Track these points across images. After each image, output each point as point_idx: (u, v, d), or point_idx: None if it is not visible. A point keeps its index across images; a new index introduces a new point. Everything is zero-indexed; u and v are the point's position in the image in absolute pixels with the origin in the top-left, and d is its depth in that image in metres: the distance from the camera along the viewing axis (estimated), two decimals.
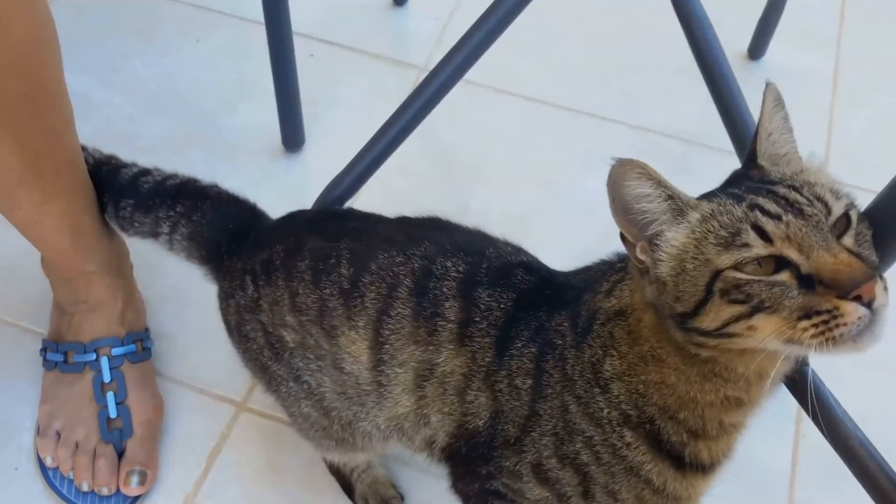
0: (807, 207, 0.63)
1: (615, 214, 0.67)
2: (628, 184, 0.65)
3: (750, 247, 0.62)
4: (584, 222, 1.32)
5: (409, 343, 0.81)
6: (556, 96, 1.48)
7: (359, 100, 1.47)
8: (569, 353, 0.76)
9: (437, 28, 1.55)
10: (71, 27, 1.52)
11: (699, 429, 0.72)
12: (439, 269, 0.82)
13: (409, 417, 0.84)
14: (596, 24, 1.58)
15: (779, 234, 0.62)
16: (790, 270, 0.62)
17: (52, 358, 1.12)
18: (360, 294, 0.83)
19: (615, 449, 0.74)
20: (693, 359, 0.68)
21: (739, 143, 1.09)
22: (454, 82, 1.12)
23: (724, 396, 0.70)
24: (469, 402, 0.81)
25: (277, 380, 0.93)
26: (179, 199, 1.00)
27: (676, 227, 0.66)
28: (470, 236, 0.89)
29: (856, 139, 1.45)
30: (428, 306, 0.80)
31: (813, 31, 1.58)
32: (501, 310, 0.80)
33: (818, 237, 0.62)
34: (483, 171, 1.40)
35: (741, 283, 0.62)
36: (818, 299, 0.60)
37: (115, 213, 1.04)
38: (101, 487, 1.07)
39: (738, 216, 0.64)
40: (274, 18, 1.22)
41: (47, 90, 0.93)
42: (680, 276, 0.65)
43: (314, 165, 1.39)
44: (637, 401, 0.72)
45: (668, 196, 0.66)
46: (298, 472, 1.11)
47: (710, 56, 1.10)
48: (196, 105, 1.45)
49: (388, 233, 0.88)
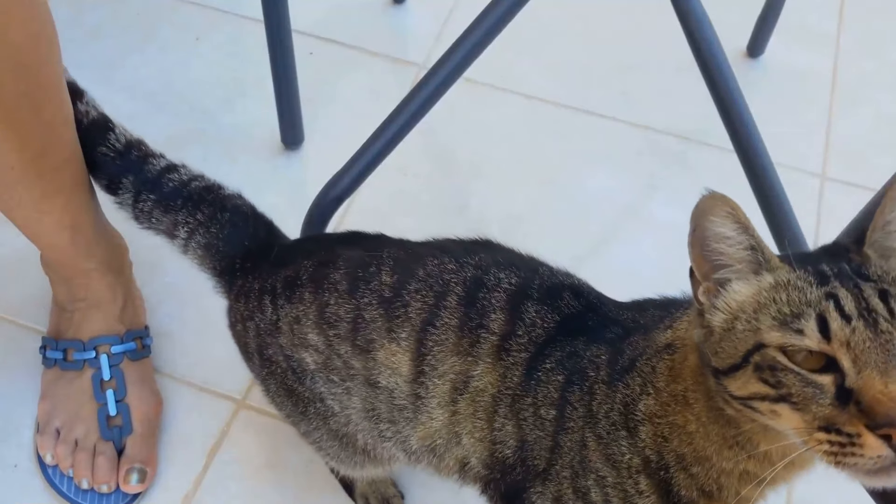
0: (884, 322, 0.57)
1: (691, 246, 0.63)
2: (714, 220, 0.61)
3: (803, 336, 0.58)
4: (584, 222, 1.33)
5: (452, 354, 0.79)
6: (555, 94, 1.47)
7: (358, 98, 1.47)
8: (598, 389, 0.73)
9: (436, 26, 1.55)
10: (70, 24, 1.51)
11: (713, 491, 0.69)
12: (492, 280, 0.80)
13: (442, 434, 0.82)
14: (595, 22, 1.57)
15: (840, 337, 0.57)
16: (835, 377, 0.57)
17: (51, 355, 1.12)
18: (404, 303, 0.80)
19: (627, 495, 0.72)
20: (718, 414, 0.65)
21: (738, 140, 1.09)
22: (453, 80, 1.12)
23: (742, 470, 0.67)
24: (497, 429, 0.79)
25: (305, 402, 0.90)
26: (201, 207, 0.97)
27: (746, 283, 0.62)
28: (522, 257, 0.86)
29: (855, 137, 1.44)
30: (475, 317, 0.78)
31: (812, 29, 1.57)
32: (544, 329, 0.77)
33: (879, 356, 0.56)
34: (482, 169, 1.39)
35: (777, 367, 0.59)
36: (846, 418, 0.56)
37: (134, 202, 0.99)
38: (101, 485, 1.07)
39: (809, 299, 0.59)
40: (273, 16, 1.22)
41: (46, 88, 0.93)
42: (727, 333, 0.62)
43: (313, 163, 1.39)
44: (660, 444, 0.70)
45: (751, 246, 0.62)
46: (298, 470, 1.11)
47: (710, 54, 1.09)
48: (195, 103, 1.45)
49: (438, 244, 0.86)
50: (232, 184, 1.00)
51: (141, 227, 1.02)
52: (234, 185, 1.16)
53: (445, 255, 0.82)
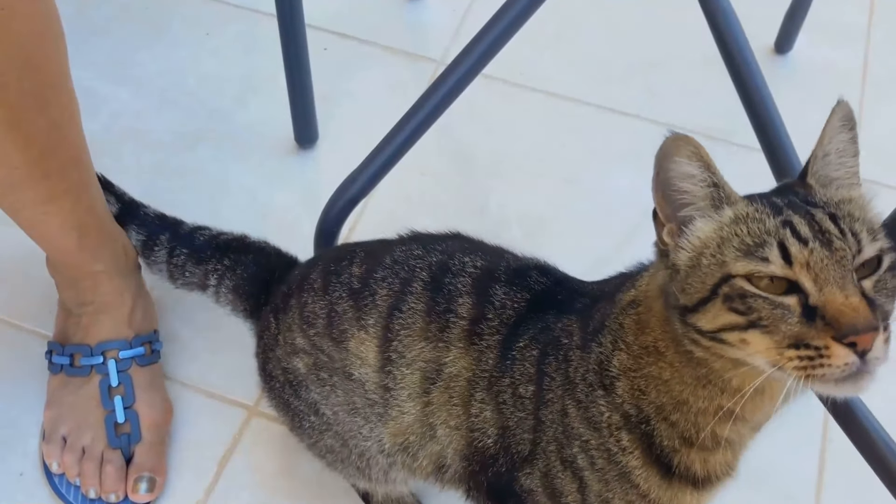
0: (836, 240, 0.62)
1: (654, 189, 0.66)
2: (677, 160, 0.64)
3: (769, 262, 0.62)
4: (607, 223, 1.32)
5: (419, 340, 0.81)
6: (577, 91, 1.47)
7: (374, 95, 1.46)
8: (573, 355, 0.76)
9: (454, 21, 1.55)
10: (76, 19, 1.51)
11: (692, 436, 0.72)
12: (457, 265, 0.83)
13: (415, 429, 0.84)
14: (619, 17, 1.57)
15: (800, 259, 0.61)
16: (798, 297, 0.61)
17: (57, 361, 1.11)
18: (372, 291, 0.83)
19: (610, 454, 0.74)
20: (688, 358, 0.68)
21: (765, 139, 1.07)
22: (472, 77, 1.11)
23: (717, 406, 0.69)
24: (474, 414, 0.80)
25: (300, 415, 0.94)
26: (228, 253, 1.06)
27: (707, 219, 0.66)
28: (489, 245, 0.89)
29: (885, 135, 1.43)
30: (442, 302, 0.81)
31: (841, 25, 1.56)
32: (514, 309, 0.80)
33: (837, 273, 0.61)
34: (502, 169, 1.39)
35: (746, 295, 0.62)
36: (813, 333, 0.60)
37: (168, 258, 1.09)
38: (109, 494, 1.06)
39: (768, 228, 0.63)
40: (286, 10, 1.21)
41: (52, 85, 0.92)
42: (693, 269, 0.65)
43: (327, 163, 1.38)
44: (638, 398, 0.72)
45: (714, 183, 0.65)
46: (311, 479, 1.10)
47: (736, 50, 1.09)
48: (206, 100, 1.44)
49: (413, 235, 0.90)
50: (244, 184, 1.00)
51: (176, 284, 1.11)
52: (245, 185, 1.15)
53: (414, 243, 0.86)
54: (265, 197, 1.33)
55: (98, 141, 1.07)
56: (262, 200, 1.32)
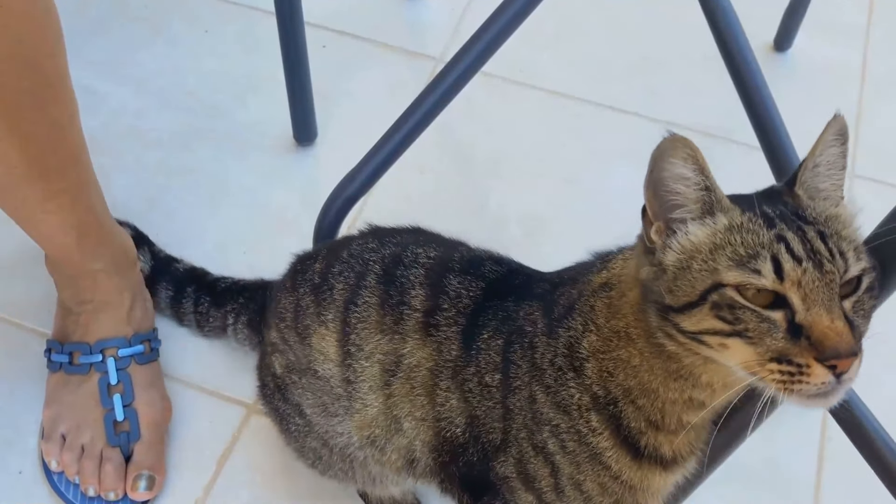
0: (827, 262, 0.63)
1: (646, 186, 0.66)
2: (673, 160, 0.64)
3: (761, 275, 0.62)
4: (606, 221, 1.29)
5: (375, 332, 0.82)
6: (576, 89, 1.46)
7: (373, 93, 1.46)
8: (539, 341, 0.76)
9: (453, 18, 1.54)
10: (75, 17, 1.50)
11: (658, 421, 0.73)
12: (409, 257, 0.84)
13: (380, 422, 0.84)
14: (618, 15, 1.57)
15: (792, 277, 0.62)
16: (785, 312, 0.62)
17: (56, 359, 1.11)
18: (330, 286, 0.85)
19: (581, 436, 0.75)
20: (659, 350, 0.69)
21: (764, 137, 1.08)
22: (471, 75, 1.11)
23: (688, 397, 0.71)
24: (440, 404, 0.81)
25: (287, 418, 0.95)
26: (243, 293, 1.13)
27: (700, 224, 0.66)
28: (445, 238, 0.90)
29: (885, 134, 1.43)
30: (395, 294, 0.82)
31: (841, 23, 1.56)
32: (470, 298, 0.81)
33: (826, 295, 0.62)
34: (501, 167, 1.38)
35: (735, 306, 0.63)
36: (797, 350, 0.61)
37: (195, 308, 1.15)
38: (108, 492, 1.06)
39: (762, 241, 0.64)
40: (285, 8, 1.21)
41: (51, 84, 0.92)
42: (682, 272, 0.65)
43: (326, 161, 1.37)
44: (606, 380, 0.73)
45: (706, 187, 0.66)
46: (311, 477, 1.08)
47: (735, 48, 1.09)
48: (205, 98, 1.44)
49: (367, 231, 0.91)
50: (243, 182, 0.99)
51: (204, 332, 1.17)
52: (245, 183, 1.15)
53: (370, 237, 0.88)
54: (264, 195, 1.32)
55: (97, 139, 1.07)
56: (261, 199, 1.32)
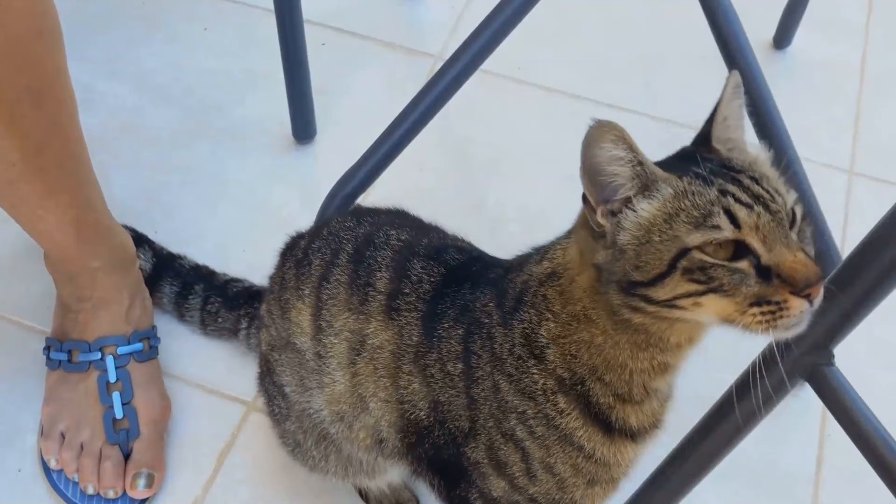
0: (771, 203, 0.66)
1: (583, 175, 0.68)
2: (603, 146, 0.66)
3: (720, 229, 0.64)
4: None
5: (344, 310, 0.83)
6: (575, 87, 1.46)
7: (372, 90, 1.45)
8: (496, 332, 0.77)
9: (452, 16, 1.54)
10: (74, 15, 1.50)
11: (625, 393, 0.75)
12: (381, 238, 0.85)
13: (346, 398, 0.85)
14: (617, 13, 1.57)
15: (749, 223, 0.64)
16: (749, 259, 0.65)
17: (55, 357, 1.10)
18: (309, 261, 0.87)
19: (549, 419, 0.76)
20: (624, 325, 0.70)
21: (764, 134, 1.08)
22: (471, 72, 1.11)
23: (658, 363, 0.73)
24: (402, 387, 0.82)
25: (272, 401, 0.97)
26: (259, 299, 1.10)
27: (648, 199, 0.67)
28: (424, 222, 0.92)
29: (884, 131, 1.43)
30: (363, 275, 0.83)
31: (840, 20, 1.56)
32: (431, 283, 0.82)
33: (781, 233, 0.65)
34: (501, 164, 1.38)
35: (706, 266, 0.65)
36: (772, 290, 0.64)
37: (203, 306, 1.16)
38: (107, 490, 1.05)
39: (710, 199, 0.65)
40: (284, 6, 1.21)
41: (49, 81, 0.92)
42: (644, 247, 0.67)
43: (326, 158, 1.37)
44: (570, 362, 0.74)
45: (639, 162, 0.67)
46: (310, 475, 1.07)
47: (735, 45, 1.09)
48: (204, 96, 1.44)
49: (351, 210, 0.95)
50: (242, 180, 0.99)
51: (206, 331, 1.17)
52: (244, 180, 1.14)
53: (350, 215, 0.89)
54: (263, 192, 1.32)
55: (96, 137, 1.07)
56: (260, 196, 1.32)
